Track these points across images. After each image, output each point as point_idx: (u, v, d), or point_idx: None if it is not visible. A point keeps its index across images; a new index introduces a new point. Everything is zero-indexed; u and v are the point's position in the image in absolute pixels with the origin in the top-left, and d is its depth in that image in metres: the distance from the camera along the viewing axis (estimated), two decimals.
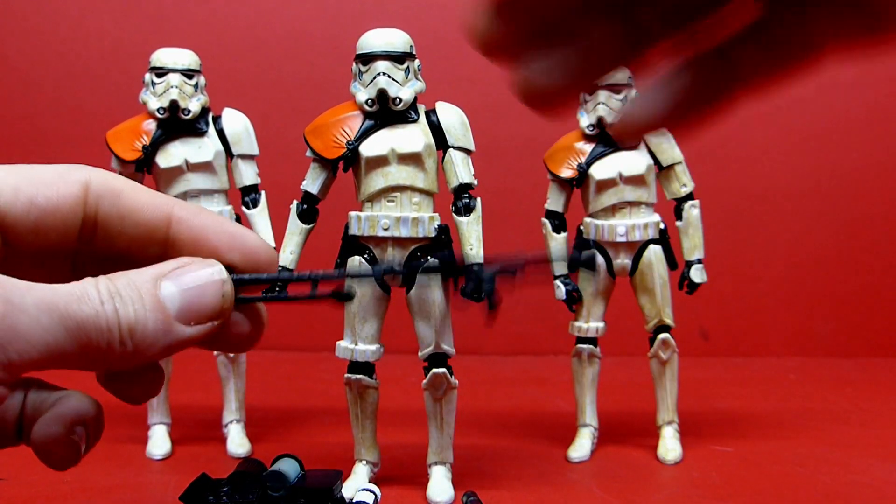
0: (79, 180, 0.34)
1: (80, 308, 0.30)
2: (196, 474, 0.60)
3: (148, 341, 0.32)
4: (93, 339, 0.31)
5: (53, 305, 0.30)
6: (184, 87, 0.87)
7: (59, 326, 0.30)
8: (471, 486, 0.75)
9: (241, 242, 0.35)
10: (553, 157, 0.89)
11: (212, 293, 0.33)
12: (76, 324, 0.30)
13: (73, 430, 0.32)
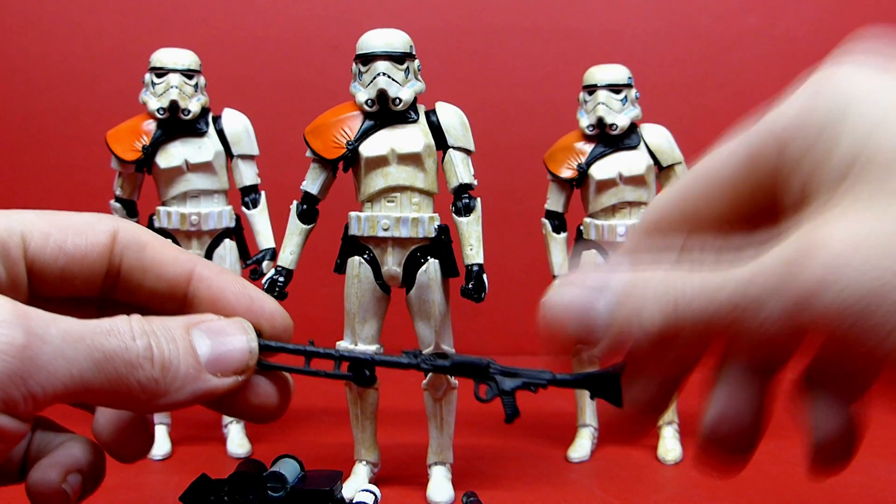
0: (107, 230, 0.34)
1: (108, 340, 0.30)
2: (196, 474, 0.60)
3: (178, 384, 0.32)
4: (122, 374, 0.30)
5: (80, 336, 0.30)
6: (184, 87, 0.87)
7: (85, 358, 0.29)
8: (471, 486, 0.75)
9: (260, 306, 0.35)
10: (553, 158, 0.89)
11: (240, 347, 0.33)
12: (104, 355, 0.30)
13: (65, 479, 0.32)
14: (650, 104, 0.91)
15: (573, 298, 0.30)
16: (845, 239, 0.23)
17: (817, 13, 1.40)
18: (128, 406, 0.32)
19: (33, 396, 0.29)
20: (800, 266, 0.24)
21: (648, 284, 0.28)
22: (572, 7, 1.41)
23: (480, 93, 1.35)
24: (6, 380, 0.28)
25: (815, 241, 0.24)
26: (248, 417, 0.35)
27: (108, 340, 0.30)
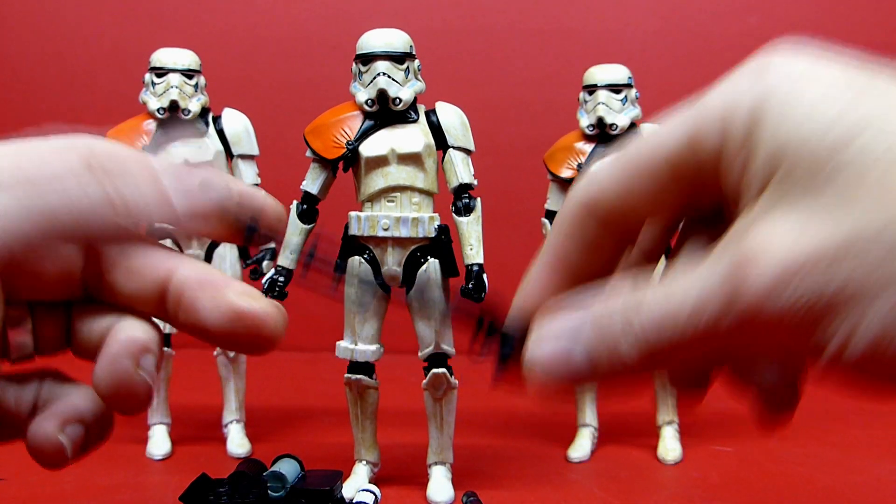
0: None
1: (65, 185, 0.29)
2: (196, 474, 0.60)
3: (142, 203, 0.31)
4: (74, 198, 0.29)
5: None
6: (184, 87, 0.87)
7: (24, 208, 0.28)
8: (471, 486, 0.75)
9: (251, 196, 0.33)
10: (553, 158, 0.89)
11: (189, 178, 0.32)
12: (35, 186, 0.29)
13: (63, 430, 0.30)
14: (650, 104, 0.91)
15: (551, 355, 0.29)
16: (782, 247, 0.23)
17: (817, 13, 1.40)
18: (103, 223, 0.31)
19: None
20: (740, 281, 0.24)
21: (613, 321, 0.27)
22: (572, 7, 1.41)
23: (480, 93, 1.35)
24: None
25: (751, 252, 0.24)
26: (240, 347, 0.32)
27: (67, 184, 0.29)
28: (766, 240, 0.24)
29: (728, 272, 0.24)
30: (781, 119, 0.25)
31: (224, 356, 0.91)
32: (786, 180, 0.24)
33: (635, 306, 0.27)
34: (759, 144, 0.25)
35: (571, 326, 0.29)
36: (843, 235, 0.23)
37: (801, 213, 0.24)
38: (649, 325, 0.26)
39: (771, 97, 0.25)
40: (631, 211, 0.30)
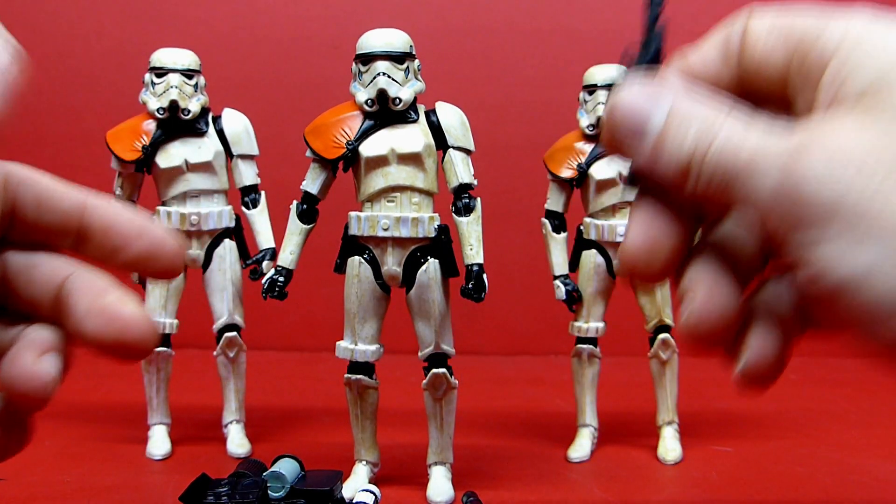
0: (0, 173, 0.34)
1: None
2: (196, 474, 0.60)
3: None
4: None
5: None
6: (184, 87, 0.87)
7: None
8: (471, 486, 0.75)
9: (150, 231, 0.35)
10: (553, 157, 0.89)
11: None
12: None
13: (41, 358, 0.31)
14: None
15: (638, 100, 0.32)
16: (843, 146, 0.27)
17: None
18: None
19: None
20: (798, 156, 0.28)
21: (698, 116, 0.31)
22: (572, 7, 1.41)
23: (480, 93, 1.35)
24: None
25: (821, 139, 0.28)
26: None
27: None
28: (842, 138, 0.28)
29: (796, 145, 0.28)
30: (885, 56, 0.29)
31: (224, 356, 0.91)
32: (880, 104, 0.28)
33: (724, 121, 0.30)
34: (859, 68, 0.29)
35: (668, 92, 0.32)
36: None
37: (883, 133, 0.27)
38: (723, 139, 0.30)
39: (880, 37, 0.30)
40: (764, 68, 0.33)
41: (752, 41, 0.33)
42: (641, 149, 0.32)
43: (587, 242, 0.89)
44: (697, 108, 0.31)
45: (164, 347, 0.89)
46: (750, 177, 0.29)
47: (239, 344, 0.91)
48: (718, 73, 0.34)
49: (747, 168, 0.29)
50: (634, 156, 0.33)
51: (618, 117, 0.32)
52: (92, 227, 0.35)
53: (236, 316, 0.90)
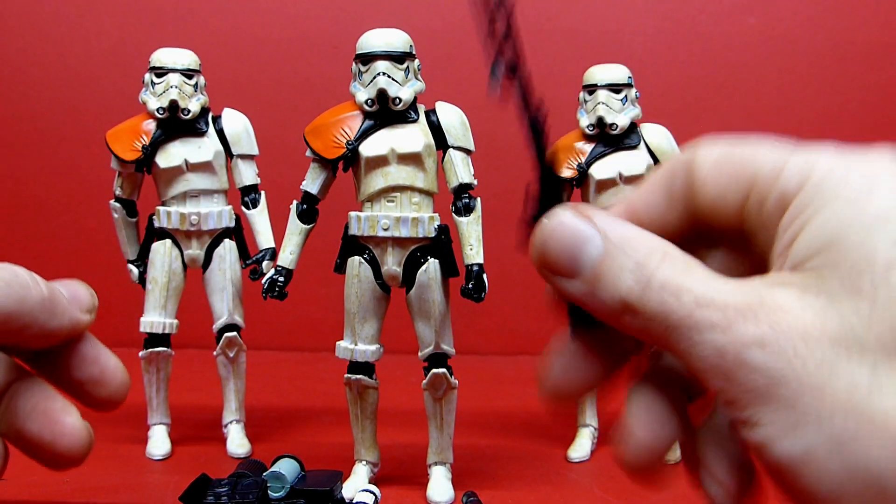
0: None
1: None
2: (196, 474, 0.60)
3: (60, 308, 0.36)
4: (20, 295, 0.34)
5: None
6: (183, 87, 0.87)
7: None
8: (471, 486, 0.75)
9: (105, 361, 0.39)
10: (553, 157, 0.88)
11: (85, 290, 0.39)
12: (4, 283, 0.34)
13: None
14: (650, 104, 0.91)
15: (570, 232, 0.30)
16: (783, 320, 0.26)
17: (817, 13, 1.40)
18: (23, 341, 0.36)
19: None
20: (738, 325, 0.26)
21: (634, 253, 0.29)
22: (572, 7, 1.41)
23: (480, 93, 1.34)
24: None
25: (767, 303, 0.27)
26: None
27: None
28: (785, 302, 0.26)
29: (744, 304, 0.27)
30: (845, 209, 0.27)
31: (224, 356, 0.91)
32: (830, 266, 0.27)
33: (660, 260, 0.29)
34: (815, 219, 0.27)
35: (604, 224, 0.30)
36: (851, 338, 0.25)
37: (829, 302, 0.26)
38: (660, 279, 0.28)
39: (842, 183, 0.27)
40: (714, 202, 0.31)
41: (700, 179, 0.30)
42: (575, 284, 0.30)
43: None
44: (633, 245, 0.29)
45: (164, 347, 0.89)
46: (688, 331, 0.27)
47: (239, 344, 0.91)
48: (663, 215, 0.32)
49: (685, 322, 0.27)
50: (567, 289, 0.30)
51: (550, 247, 0.30)
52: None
53: (236, 316, 0.90)
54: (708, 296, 0.27)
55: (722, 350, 0.26)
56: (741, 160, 0.30)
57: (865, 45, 1.39)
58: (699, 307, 0.27)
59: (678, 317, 0.27)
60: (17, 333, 0.35)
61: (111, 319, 0.94)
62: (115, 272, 1.01)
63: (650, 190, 0.32)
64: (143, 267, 0.90)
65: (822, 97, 1.39)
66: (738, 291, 0.27)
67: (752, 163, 0.30)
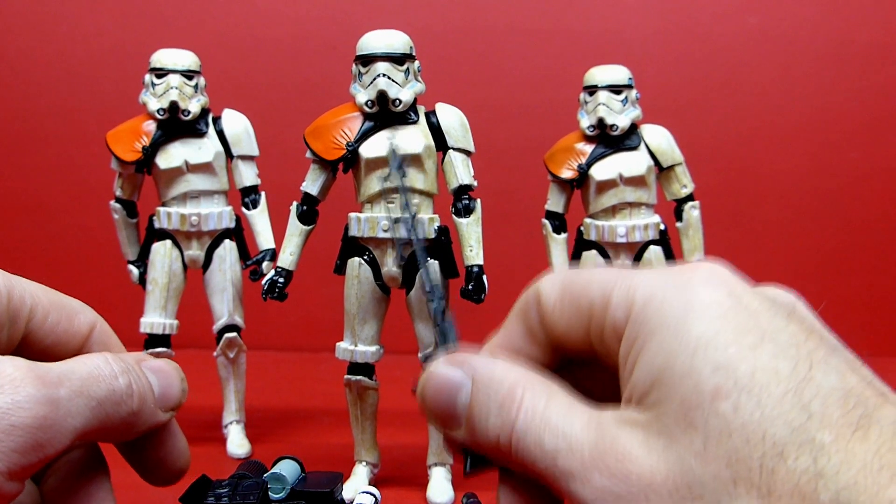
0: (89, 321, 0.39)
1: (98, 387, 0.33)
2: (196, 475, 0.60)
3: (145, 416, 0.36)
4: (110, 414, 0.33)
5: (79, 390, 0.32)
6: (184, 87, 0.87)
7: (84, 410, 0.32)
8: (471, 487, 0.75)
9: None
10: (553, 158, 0.89)
11: (177, 386, 0.39)
12: (97, 402, 0.33)
13: None
14: (650, 104, 0.91)
15: (442, 384, 0.32)
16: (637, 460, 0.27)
17: (817, 13, 1.40)
18: (106, 439, 0.36)
19: (42, 461, 0.31)
20: (598, 470, 0.28)
21: (497, 394, 0.30)
22: (572, 7, 1.41)
23: (480, 93, 1.35)
24: (24, 450, 0.30)
25: (618, 449, 0.28)
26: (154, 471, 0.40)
27: (99, 386, 0.33)
28: (634, 451, 0.27)
29: (599, 457, 0.28)
30: (667, 339, 0.28)
31: (224, 356, 0.91)
32: (664, 402, 0.27)
33: (520, 397, 0.30)
34: (644, 352, 0.28)
35: (472, 368, 0.31)
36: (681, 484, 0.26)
37: (668, 442, 0.27)
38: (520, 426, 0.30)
39: (660, 312, 0.28)
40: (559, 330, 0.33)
41: (548, 314, 0.32)
42: (459, 432, 0.32)
43: (588, 243, 0.88)
44: (496, 384, 0.31)
45: (164, 348, 0.89)
46: (554, 480, 0.29)
47: (239, 344, 0.91)
48: (528, 347, 0.33)
49: (550, 472, 0.29)
50: (455, 437, 0.32)
51: (429, 399, 0.32)
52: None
53: (236, 316, 0.90)
54: (565, 441, 0.28)
55: (585, 499, 0.28)
56: (578, 293, 0.31)
57: (865, 45, 1.39)
58: (559, 457, 0.28)
59: (543, 466, 0.29)
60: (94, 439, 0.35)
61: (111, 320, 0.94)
62: (116, 273, 1.01)
63: (510, 327, 0.34)
64: (144, 268, 0.90)
65: (822, 97, 1.39)
66: (593, 432, 0.28)
67: (587, 295, 0.31)
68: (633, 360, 0.29)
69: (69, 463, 0.37)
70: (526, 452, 0.30)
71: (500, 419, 0.30)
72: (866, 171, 1.40)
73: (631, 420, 0.28)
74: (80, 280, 1.39)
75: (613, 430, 0.28)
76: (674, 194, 0.89)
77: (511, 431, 0.30)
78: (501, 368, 0.31)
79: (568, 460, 0.28)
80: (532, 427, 0.29)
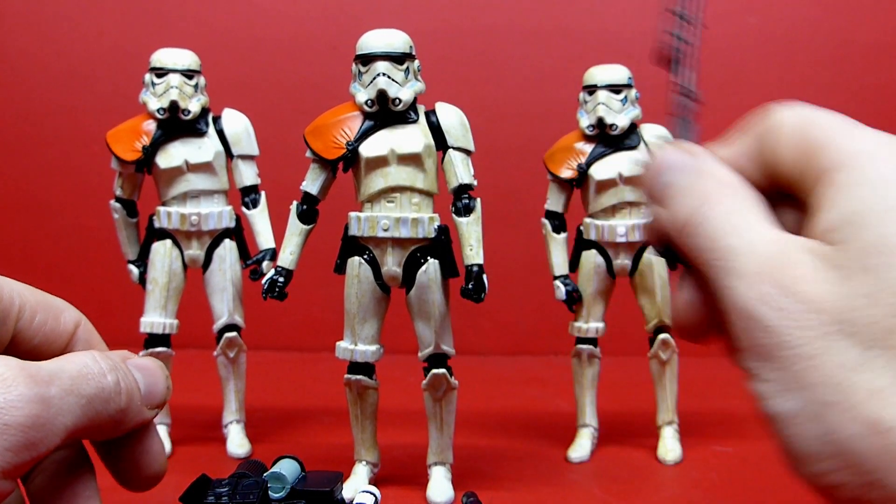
0: (73, 319, 0.40)
1: (87, 384, 0.33)
2: (196, 474, 0.60)
3: (132, 413, 0.36)
4: (99, 411, 0.34)
5: (69, 389, 0.32)
6: (184, 87, 0.87)
7: (75, 408, 0.33)
8: (471, 487, 0.75)
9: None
10: (553, 158, 0.89)
11: (161, 384, 0.38)
12: (87, 400, 0.33)
13: None
14: (650, 104, 0.91)
15: (666, 160, 0.35)
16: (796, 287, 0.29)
17: (817, 13, 1.40)
18: (94, 436, 0.36)
19: (34, 459, 0.31)
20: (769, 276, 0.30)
21: (708, 180, 0.33)
22: (572, 7, 1.41)
23: (480, 93, 1.35)
24: (17, 448, 0.30)
25: (791, 266, 0.29)
26: (130, 473, 0.39)
27: (88, 384, 0.33)
28: (808, 273, 0.29)
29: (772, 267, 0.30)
30: (869, 192, 0.30)
31: (224, 356, 0.91)
32: (849, 242, 0.29)
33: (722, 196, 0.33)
34: (843, 195, 0.30)
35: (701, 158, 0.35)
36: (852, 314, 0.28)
37: (842, 277, 0.29)
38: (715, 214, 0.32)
39: (872, 168, 0.30)
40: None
41: (780, 140, 0.34)
42: (660, 210, 0.34)
43: (587, 243, 0.89)
44: (711, 175, 0.33)
45: (164, 347, 0.89)
46: (722, 272, 0.31)
47: (239, 344, 0.91)
48: (748, 168, 0.35)
49: (721, 264, 0.31)
50: (656, 214, 0.35)
51: (650, 170, 0.35)
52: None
53: (236, 316, 0.90)
54: (745, 244, 0.30)
55: (742, 299, 0.30)
56: (810, 126, 0.34)
57: (865, 45, 1.39)
58: (734, 254, 0.30)
59: (717, 256, 0.31)
60: (83, 437, 0.36)
61: (111, 319, 0.94)
62: (116, 272, 1.02)
63: (742, 142, 0.36)
64: (144, 267, 0.90)
65: (822, 97, 1.39)
66: (774, 245, 0.30)
67: (815, 130, 0.33)
68: (832, 200, 0.30)
69: (55, 462, 0.38)
70: (707, 241, 0.31)
71: (696, 201, 0.32)
72: None
73: (815, 249, 0.30)
74: (80, 280, 1.39)
75: (795, 252, 0.30)
76: None
77: (700, 218, 0.32)
78: (719, 167, 0.34)
79: (741, 260, 0.30)
80: (722, 222, 0.31)
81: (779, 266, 0.29)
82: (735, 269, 0.30)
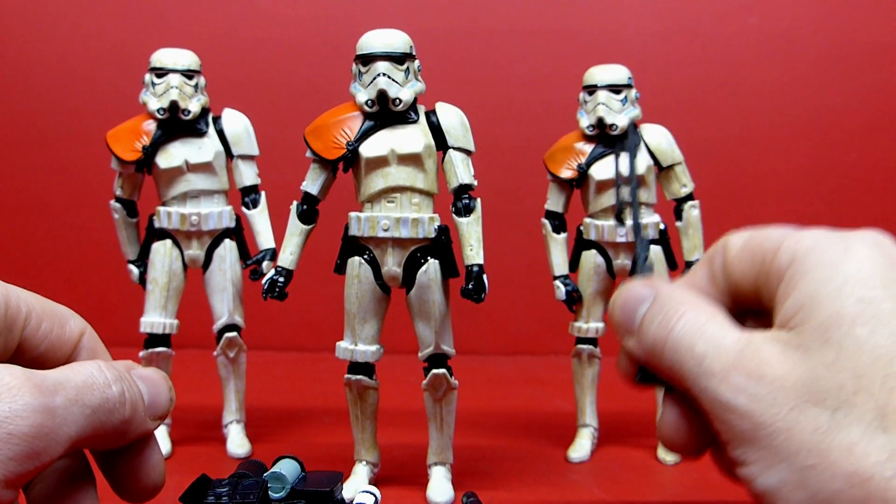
0: (79, 328, 0.40)
1: (92, 395, 0.34)
2: (196, 474, 0.60)
3: (136, 423, 0.37)
4: (104, 421, 0.34)
5: (74, 399, 0.33)
6: (184, 87, 0.87)
7: (79, 418, 0.33)
8: (471, 487, 0.75)
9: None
10: (553, 158, 0.89)
11: (165, 395, 0.39)
12: (91, 411, 0.34)
13: None
14: (650, 104, 0.91)
15: (631, 296, 0.38)
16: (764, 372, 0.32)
17: (817, 13, 1.40)
18: (97, 447, 0.37)
19: (38, 469, 0.31)
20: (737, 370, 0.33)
21: (666, 306, 0.36)
22: (572, 7, 1.41)
23: (480, 93, 1.35)
24: (21, 458, 0.30)
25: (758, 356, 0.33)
26: (130, 484, 0.40)
27: (93, 395, 0.34)
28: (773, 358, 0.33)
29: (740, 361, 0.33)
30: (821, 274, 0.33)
31: (224, 356, 0.91)
32: (806, 322, 0.32)
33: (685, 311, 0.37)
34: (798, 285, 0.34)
35: (651, 293, 0.38)
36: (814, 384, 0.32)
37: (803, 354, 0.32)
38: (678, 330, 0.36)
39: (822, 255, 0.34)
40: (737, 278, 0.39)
41: (730, 258, 0.38)
42: (630, 340, 0.38)
43: (587, 243, 0.89)
44: (671, 300, 0.37)
45: (164, 348, 0.89)
46: (697, 378, 0.34)
47: (239, 344, 0.91)
48: (708, 289, 0.39)
49: (695, 371, 0.34)
50: (627, 346, 0.38)
51: (618, 306, 0.39)
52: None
53: (236, 316, 0.90)
54: (712, 347, 0.34)
55: (718, 395, 0.33)
56: (756, 245, 0.37)
57: (865, 45, 1.39)
58: (703, 358, 0.34)
59: (689, 367, 0.34)
60: (86, 447, 0.36)
61: (111, 320, 0.94)
62: (116, 272, 1.02)
63: (699, 270, 0.40)
64: (144, 267, 0.90)
65: (822, 97, 1.39)
66: (739, 343, 0.34)
67: (762, 246, 0.36)
68: (786, 293, 0.34)
69: (56, 471, 0.38)
70: (677, 354, 0.35)
71: (663, 325, 0.36)
72: (866, 171, 1.40)
73: (777, 336, 0.33)
74: (80, 280, 1.39)
75: (759, 343, 0.33)
76: (673, 194, 0.89)
77: (667, 335, 0.35)
78: (680, 291, 0.37)
79: (712, 361, 0.33)
80: (688, 334, 0.35)
81: (745, 357, 0.33)
82: (706, 370, 0.33)
